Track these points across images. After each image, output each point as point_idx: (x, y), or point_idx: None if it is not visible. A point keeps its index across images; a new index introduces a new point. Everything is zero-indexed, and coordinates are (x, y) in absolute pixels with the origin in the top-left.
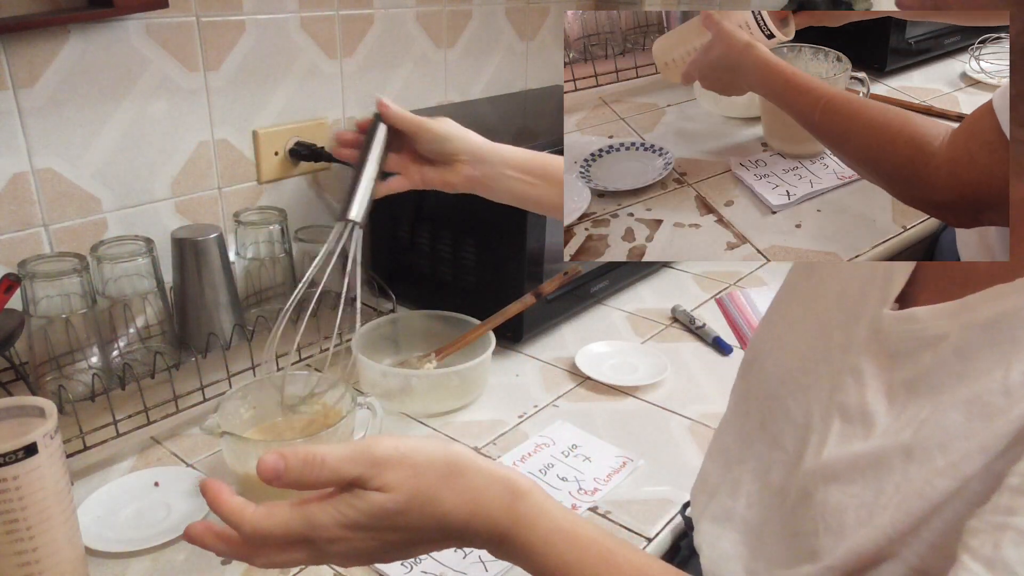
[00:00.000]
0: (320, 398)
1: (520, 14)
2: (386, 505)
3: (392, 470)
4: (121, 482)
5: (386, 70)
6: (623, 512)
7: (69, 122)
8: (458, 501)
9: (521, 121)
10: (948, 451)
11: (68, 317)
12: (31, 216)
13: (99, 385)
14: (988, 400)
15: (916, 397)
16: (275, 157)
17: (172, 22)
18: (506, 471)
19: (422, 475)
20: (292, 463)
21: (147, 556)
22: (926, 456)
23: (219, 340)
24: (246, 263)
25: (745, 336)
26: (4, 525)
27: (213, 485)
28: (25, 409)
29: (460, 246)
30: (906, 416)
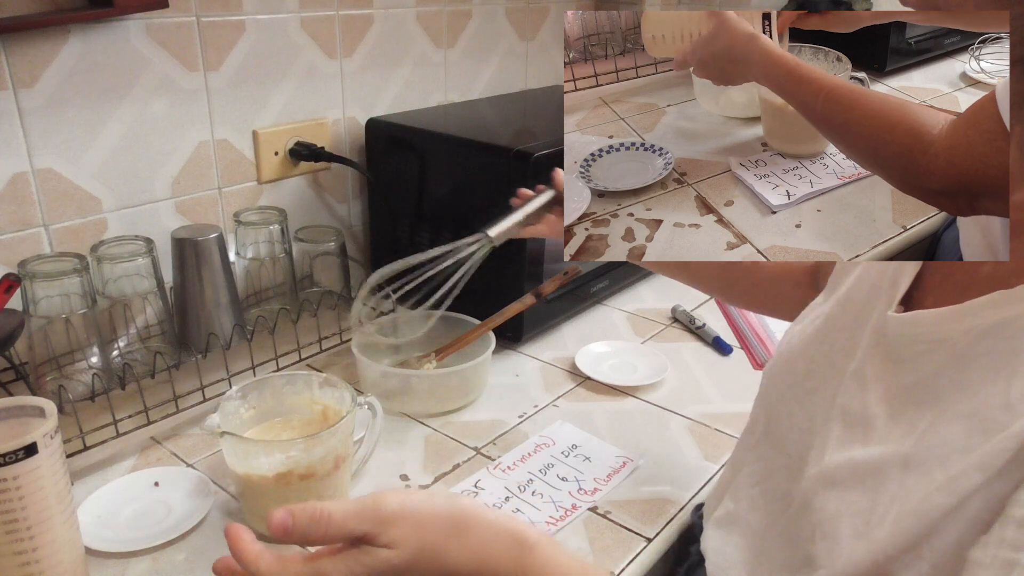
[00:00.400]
0: (320, 398)
1: (520, 14)
2: (392, 561)
3: (398, 526)
4: (121, 482)
5: (386, 70)
6: (623, 512)
7: (69, 122)
8: (465, 555)
9: (521, 121)
10: (947, 465)
11: (68, 317)
12: (31, 216)
13: (99, 385)
14: (988, 415)
15: (916, 404)
16: (275, 157)
17: (172, 22)
18: (514, 523)
19: (428, 530)
20: (299, 519)
21: (147, 556)
22: (924, 469)
23: (219, 340)
24: (246, 263)
25: (745, 336)
26: (4, 525)
27: (234, 530)
28: (25, 409)
29: None
30: (905, 423)
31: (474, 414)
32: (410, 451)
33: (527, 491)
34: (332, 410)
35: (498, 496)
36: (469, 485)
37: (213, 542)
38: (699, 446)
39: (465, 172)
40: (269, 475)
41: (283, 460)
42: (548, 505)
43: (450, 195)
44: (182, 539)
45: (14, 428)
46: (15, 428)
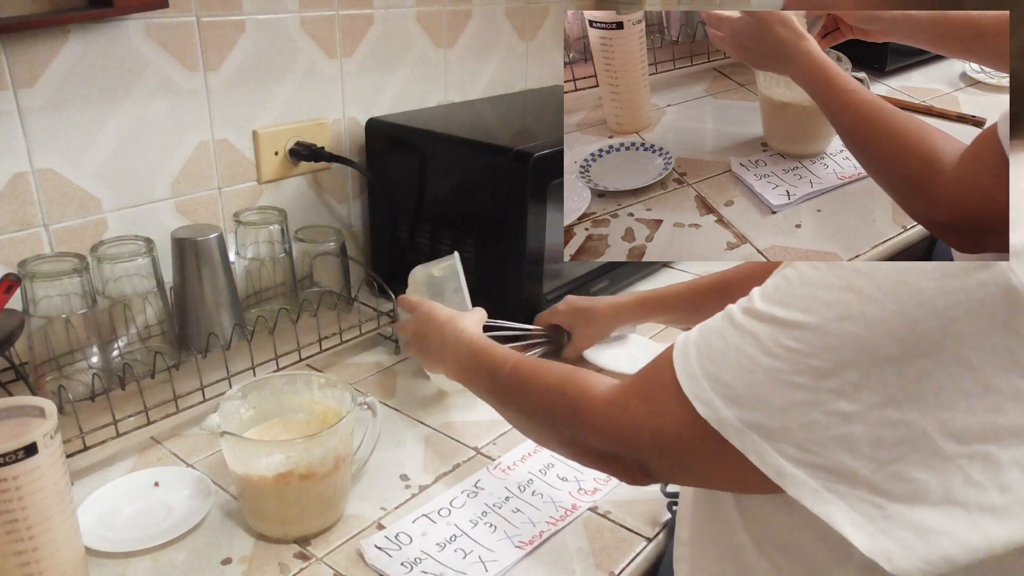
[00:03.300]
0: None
1: (520, 14)
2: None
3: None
4: (121, 482)
5: (386, 70)
6: (623, 512)
7: (69, 122)
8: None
9: (521, 121)
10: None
11: (68, 317)
12: (31, 216)
13: (99, 385)
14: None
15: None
16: (275, 157)
17: (172, 22)
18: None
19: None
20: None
21: (147, 556)
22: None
23: (219, 340)
24: (246, 263)
25: None
26: (4, 525)
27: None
28: (25, 409)
29: (460, 246)
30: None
31: (474, 414)
32: (410, 451)
33: (527, 491)
34: (332, 410)
35: (498, 496)
36: (469, 485)
37: (213, 542)
38: None
39: (465, 172)
40: (269, 475)
41: (283, 460)
42: (548, 505)
43: (450, 195)
44: (182, 539)
45: (14, 428)
46: (15, 428)
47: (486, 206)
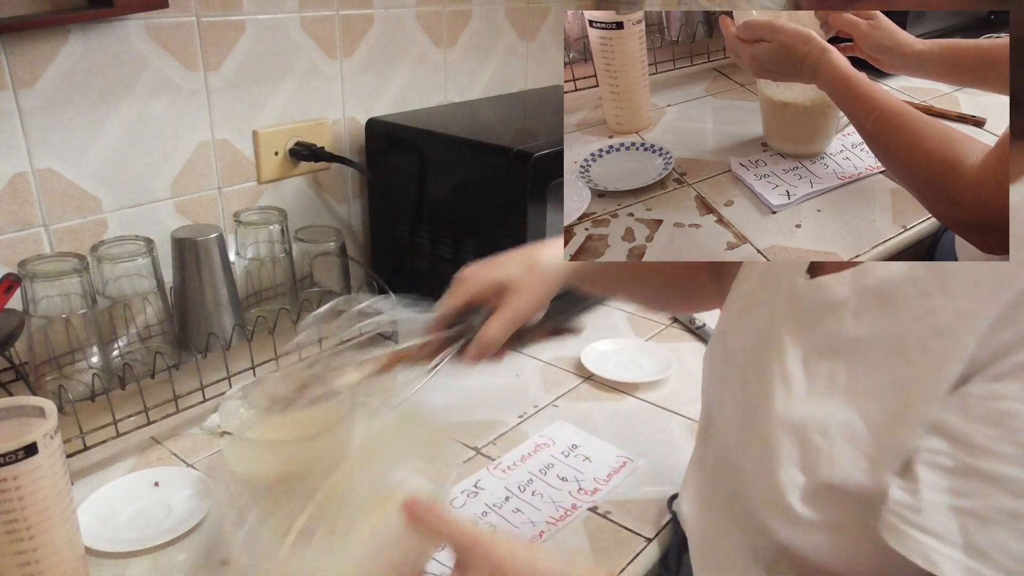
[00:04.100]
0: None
1: (520, 14)
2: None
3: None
4: (121, 482)
5: (386, 70)
6: (623, 512)
7: (69, 122)
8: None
9: (521, 121)
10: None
11: (68, 317)
12: (31, 216)
13: (99, 385)
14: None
15: (828, 362)
16: (275, 157)
17: (172, 22)
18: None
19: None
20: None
21: (147, 556)
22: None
23: (219, 340)
24: (246, 263)
25: None
26: (4, 525)
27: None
28: (25, 409)
29: (460, 246)
30: (821, 383)
31: (474, 414)
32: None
33: (527, 491)
34: (332, 410)
35: (498, 496)
36: (469, 485)
37: (213, 542)
38: None
39: (465, 172)
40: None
41: (283, 460)
42: (548, 505)
43: (450, 195)
44: (182, 539)
45: (14, 428)
46: (15, 428)
47: (486, 206)
